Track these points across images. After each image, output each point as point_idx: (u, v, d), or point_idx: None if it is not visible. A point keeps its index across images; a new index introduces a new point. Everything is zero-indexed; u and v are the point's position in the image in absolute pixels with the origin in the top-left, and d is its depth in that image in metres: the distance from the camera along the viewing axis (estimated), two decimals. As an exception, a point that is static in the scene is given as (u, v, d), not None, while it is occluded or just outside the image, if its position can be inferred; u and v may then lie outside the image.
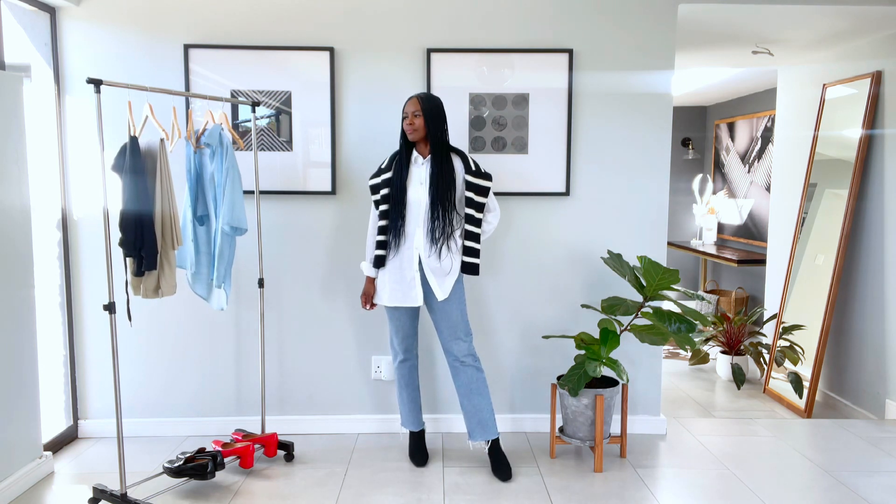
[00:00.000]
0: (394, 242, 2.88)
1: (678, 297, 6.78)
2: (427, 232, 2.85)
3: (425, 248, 2.87)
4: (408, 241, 2.88)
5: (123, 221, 2.64)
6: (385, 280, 2.94)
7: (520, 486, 2.89)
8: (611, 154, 3.41)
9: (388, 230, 2.89)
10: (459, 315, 2.94)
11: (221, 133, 2.91)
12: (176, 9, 3.28)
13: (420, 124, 2.82)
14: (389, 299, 2.93)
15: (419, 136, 2.84)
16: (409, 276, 2.89)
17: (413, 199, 2.87)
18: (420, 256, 2.88)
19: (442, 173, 2.83)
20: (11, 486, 2.77)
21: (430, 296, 2.91)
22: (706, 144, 7.08)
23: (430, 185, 2.83)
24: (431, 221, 2.83)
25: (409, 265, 2.89)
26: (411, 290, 2.90)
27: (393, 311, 3.01)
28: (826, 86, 4.43)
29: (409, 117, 2.82)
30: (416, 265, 2.88)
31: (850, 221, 4.05)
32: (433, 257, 2.87)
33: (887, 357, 3.83)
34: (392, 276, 2.91)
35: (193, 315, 3.43)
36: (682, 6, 3.33)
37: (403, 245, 2.88)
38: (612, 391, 3.13)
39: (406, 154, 2.89)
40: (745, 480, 2.96)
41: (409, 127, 2.82)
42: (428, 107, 2.82)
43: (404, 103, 2.87)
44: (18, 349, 2.83)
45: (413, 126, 2.82)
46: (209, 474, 2.76)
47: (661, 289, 3.07)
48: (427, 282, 2.91)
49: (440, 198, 2.83)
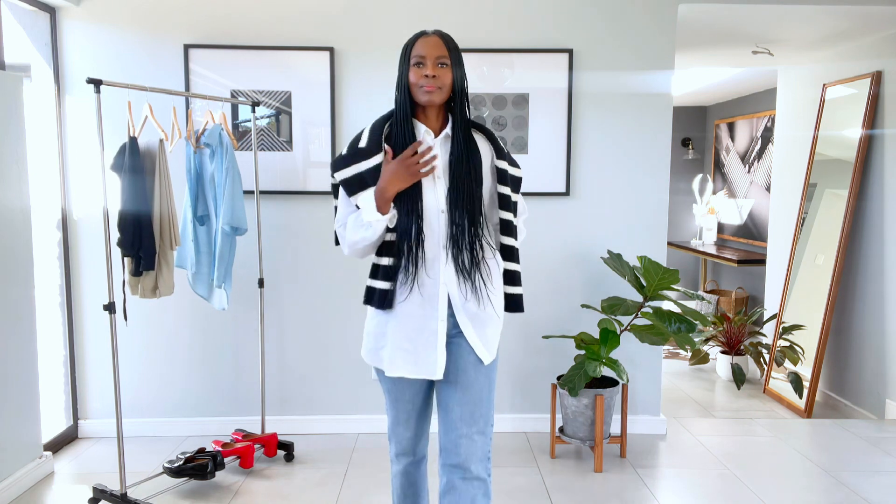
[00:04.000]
0: (406, 275, 1.83)
1: (678, 297, 6.78)
2: (454, 254, 1.83)
3: (457, 282, 1.86)
4: (430, 272, 1.84)
5: (122, 221, 2.65)
6: (387, 333, 1.88)
7: (520, 486, 2.89)
8: (611, 154, 3.41)
9: (396, 253, 1.83)
10: (488, 391, 1.91)
11: (221, 133, 2.91)
12: (176, 9, 3.28)
13: (448, 81, 1.83)
14: (394, 365, 1.86)
15: (441, 98, 1.83)
16: (430, 327, 1.84)
17: (430, 202, 1.84)
18: (450, 296, 1.86)
19: (470, 159, 1.87)
20: (11, 486, 2.77)
21: (452, 358, 1.88)
22: (706, 144, 7.08)
23: (454, 177, 1.84)
24: (460, 236, 1.83)
25: (431, 311, 1.84)
26: (431, 352, 1.84)
27: (397, 386, 1.94)
28: (826, 86, 4.43)
29: (430, 66, 1.79)
30: (446, 310, 1.86)
31: (850, 221, 4.05)
32: (471, 295, 1.86)
33: (887, 357, 3.83)
34: (401, 327, 1.86)
35: (193, 315, 3.43)
36: (682, 6, 3.33)
37: (422, 278, 1.84)
38: (612, 391, 3.13)
39: (408, 129, 1.85)
40: (745, 480, 2.95)
41: (432, 84, 1.80)
42: (457, 51, 1.86)
43: (410, 43, 1.84)
44: (18, 349, 2.83)
45: (438, 82, 1.81)
46: (209, 474, 2.76)
47: (661, 289, 3.07)
48: (458, 336, 1.88)
49: (470, 197, 1.85)
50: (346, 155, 1.86)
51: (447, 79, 1.82)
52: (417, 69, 1.81)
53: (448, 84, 1.83)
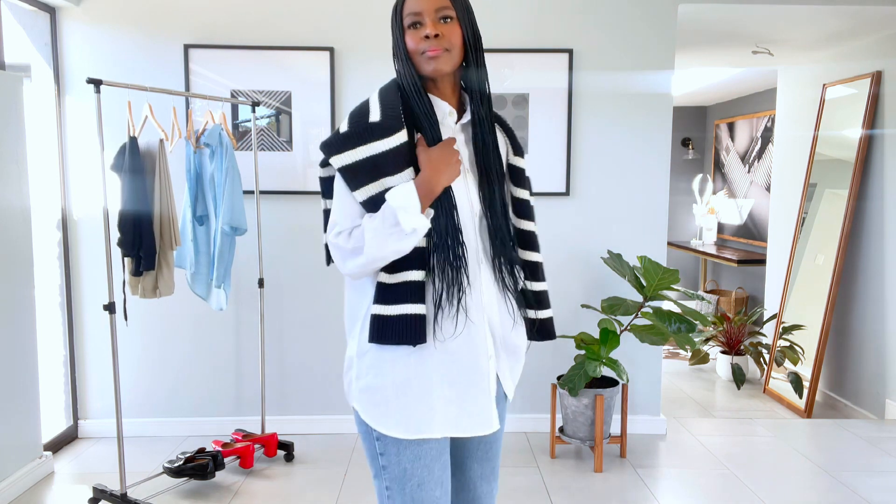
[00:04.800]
0: (451, 299, 1.36)
1: (678, 297, 6.78)
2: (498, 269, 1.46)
3: (498, 306, 1.46)
4: (473, 297, 1.40)
5: (122, 221, 2.65)
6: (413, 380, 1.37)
7: (520, 486, 2.89)
8: (611, 154, 3.41)
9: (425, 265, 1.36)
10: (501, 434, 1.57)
11: (221, 133, 2.91)
12: (176, 9, 3.28)
13: (458, 39, 1.38)
14: (434, 422, 1.37)
15: (452, 63, 1.39)
16: (480, 367, 1.41)
17: (463, 203, 1.42)
18: (490, 325, 1.44)
19: (497, 148, 1.48)
20: (11, 486, 2.77)
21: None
22: (706, 144, 7.08)
23: (486, 172, 1.44)
24: (503, 247, 1.46)
25: (478, 344, 1.40)
26: (484, 398, 1.42)
27: (422, 458, 1.39)
28: (826, 86, 4.43)
29: (430, 23, 1.34)
30: (491, 344, 1.44)
31: (850, 221, 4.05)
32: (507, 320, 1.47)
33: (887, 357, 3.83)
34: (441, 369, 1.38)
35: (193, 315, 3.43)
36: (682, 6, 3.33)
37: (467, 304, 1.38)
38: (612, 391, 3.13)
39: (427, 105, 1.38)
40: (745, 480, 2.95)
41: (436, 46, 1.35)
42: (465, 7, 1.41)
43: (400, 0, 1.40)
44: (18, 349, 2.83)
45: (444, 43, 1.35)
46: (209, 474, 2.76)
47: (661, 289, 3.07)
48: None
49: (503, 198, 1.48)
50: (351, 132, 1.34)
51: (455, 37, 1.36)
52: (414, 31, 1.36)
53: (458, 44, 1.37)
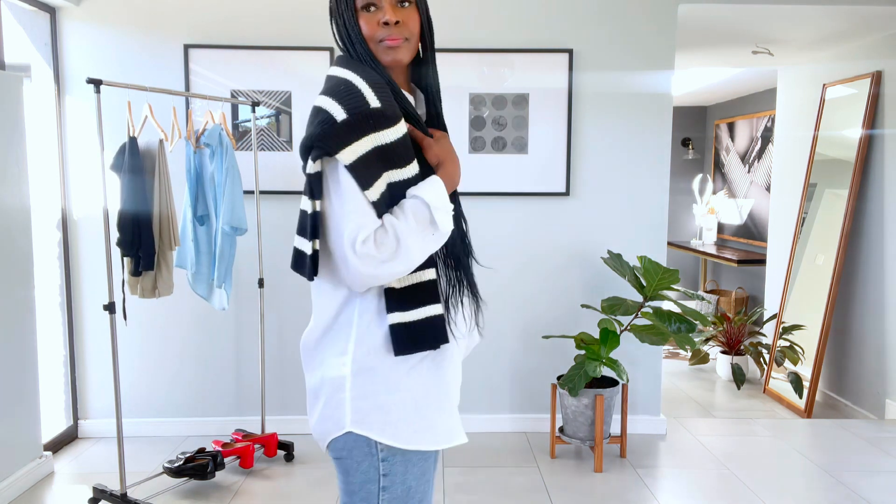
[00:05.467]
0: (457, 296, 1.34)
1: (678, 297, 6.78)
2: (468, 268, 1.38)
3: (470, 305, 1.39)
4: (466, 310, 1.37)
5: (121, 221, 2.65)
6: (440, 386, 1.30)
7: (520, 486, 2.89)
8: (611, 154, 3.41)
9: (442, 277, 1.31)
10: None
11: (221, 133, 2.91)
12: (176, 9, 3.28)
13: (416, 28, 1.26)
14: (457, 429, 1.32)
15: (410, 53, 1.27)
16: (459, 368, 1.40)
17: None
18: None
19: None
20: (11, 486, 2.77)
21: None
22: (706, 144, 7.08)
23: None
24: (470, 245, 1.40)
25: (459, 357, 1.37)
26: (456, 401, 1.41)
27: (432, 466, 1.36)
28: (826, 86, 4.43)
29: (389, 8, 1.22)
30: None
31: (850, 221, 4.05)
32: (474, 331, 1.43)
33: (887, 357, 3.83)
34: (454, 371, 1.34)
35: (193, 315, 3.43)
36: (682, 6, 3.33)
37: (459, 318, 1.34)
38: (612, 391, 3.13)
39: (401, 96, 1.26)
40: (745, 480, 2.95)
41: (396, 35, 1.23)
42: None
43: None
44: (18, 349, 2.83)
45: (404, 31, 1.24)
46: (209, 474, 2.76)
47: (661, 289, 3.07)
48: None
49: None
50: (354, 120, 1.15)
51: (414, 24, 1.24)
52: (369, 15, 1.22)
53: (416, 32, 1.25)
